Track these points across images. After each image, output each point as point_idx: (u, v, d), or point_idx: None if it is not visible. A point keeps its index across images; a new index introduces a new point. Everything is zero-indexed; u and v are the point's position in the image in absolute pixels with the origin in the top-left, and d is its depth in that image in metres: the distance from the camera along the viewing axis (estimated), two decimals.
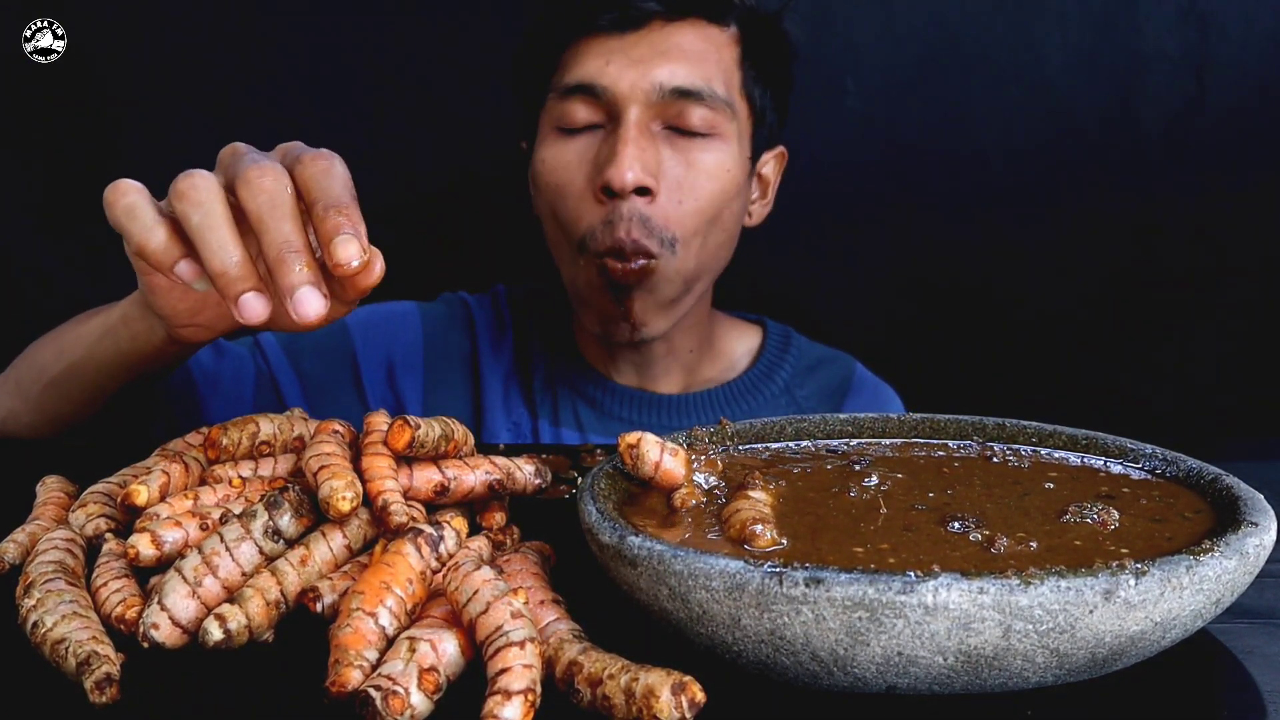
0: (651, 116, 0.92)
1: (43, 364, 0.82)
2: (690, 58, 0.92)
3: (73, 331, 0.81)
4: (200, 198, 0.53)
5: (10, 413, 0.85)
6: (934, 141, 1.31)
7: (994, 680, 0.40)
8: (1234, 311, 1.33)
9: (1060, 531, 0.47)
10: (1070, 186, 1.31)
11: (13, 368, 0.87)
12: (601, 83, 0.91)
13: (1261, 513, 0.46)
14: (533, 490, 0.61)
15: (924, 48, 1.29)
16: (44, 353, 0.83)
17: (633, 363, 1.04)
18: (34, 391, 0.83)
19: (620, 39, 0.92)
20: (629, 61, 0.91)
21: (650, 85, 0.90)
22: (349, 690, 0.40)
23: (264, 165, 0.54)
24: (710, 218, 0.94)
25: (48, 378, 0.81)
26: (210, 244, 0.53)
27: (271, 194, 0.53)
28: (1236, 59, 1.28)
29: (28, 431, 0.85)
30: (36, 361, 0.83)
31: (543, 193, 0.96)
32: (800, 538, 0.46)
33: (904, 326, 1.35)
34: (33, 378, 0.83)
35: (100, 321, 0.76)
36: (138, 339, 0.73)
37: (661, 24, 0.93)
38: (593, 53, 0.92)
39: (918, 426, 0.63)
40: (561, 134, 0.94)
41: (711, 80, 0.93)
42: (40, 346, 0.85)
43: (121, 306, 0.74)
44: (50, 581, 0.48)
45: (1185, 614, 0.41)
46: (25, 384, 0.84)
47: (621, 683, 0.39)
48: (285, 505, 0.50)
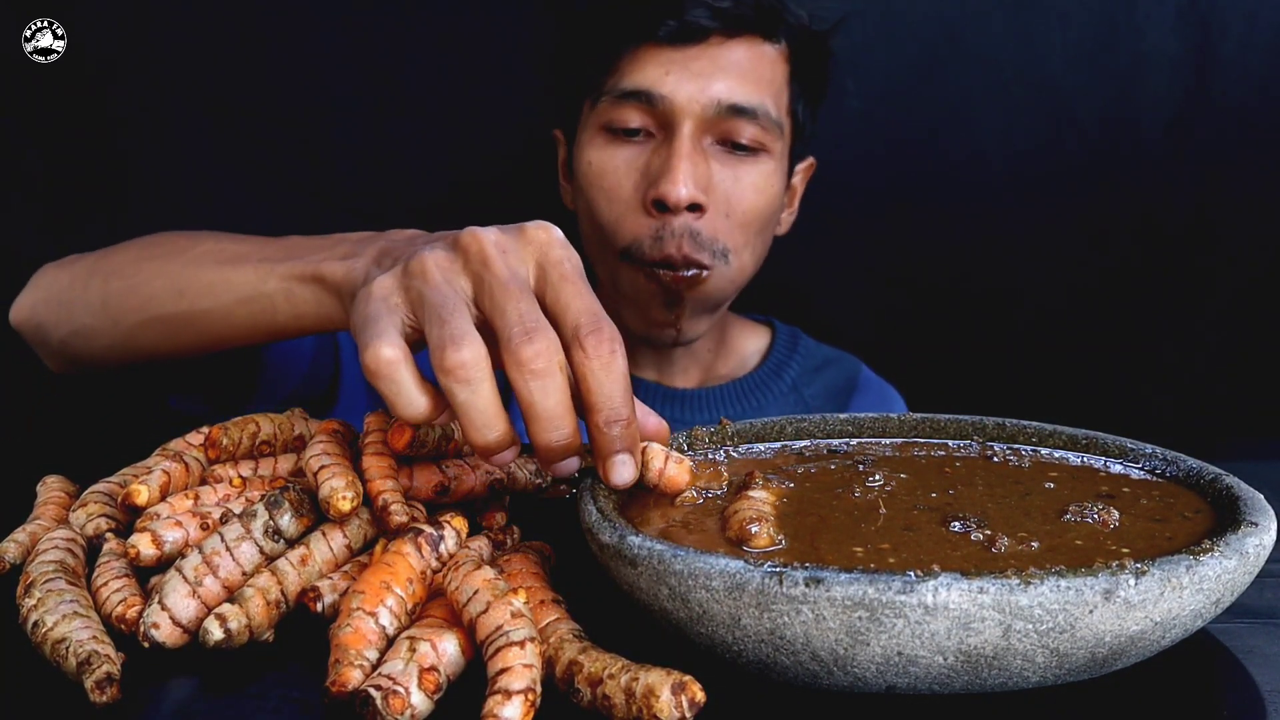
0: (704, 131, 0.93)
1: (150, 295, 0.73)
2: (746, 75, 0.94)
3: (197, 274, 0.71)
4: (469, 375, 0.47)
5: (86, 330, 0.77)
6: (934, 141, 1.31)
7: (994, 680, 0.40)
8: (1234, 311, 1.33)
9: (1061, 531, 0.47)
10: (1070, 186, 1.31)
11: (96, 276, 0.77)
12: (660, 92, 0.92)
13: (1261, 513, 0.46)
14: (533, 490, 0.61)
15: (924, 48, 1.29)
16: (152, 284, 0.73)
17: (653, 359, 1.07)
18: (129, 321, 0.74)
19: (679, 51, 0.93)
20: (688, 75, 0.92)
21: (708, 100, 0.92)
22: (349, 690, 0.41)
23: (535, 335, 0.47)
24: (756, 230, 0.97)
25: (156, 313, 0.73)
26: (475, 422, 0.48)
27: (545, 385, 0.48)
28: (1237, 58, 1.28)
29: (102, 354, 0.78)
30: (141, 290, 0.74)
31: (585, 193, 0.98)
32: (801, 537, 0.46)
33: (904, 326, 1.35)
34: (134, 306, 0.74)
35: (246, 281, 0.68)
36: (302, 318, 0.66)
37: (720, 40, 0.94)
38: (652, 62, 0.93)
39: (918, 426, 0.63)
40: (611, 137, 0.95)
41: (764, 99, 0.95)
42: (144, 272, 0.75)
43: (282, 279, 0.65)
44: (51, 581, 0.48)
45: (1185, 614, 0.41)
46: (119, 310, 0.75)
47: (621, 682, 0.39)
48: (285, 505, 0.50)
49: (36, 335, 0.82)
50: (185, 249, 0.74)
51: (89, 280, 0.78)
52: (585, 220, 0.99)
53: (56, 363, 0.84)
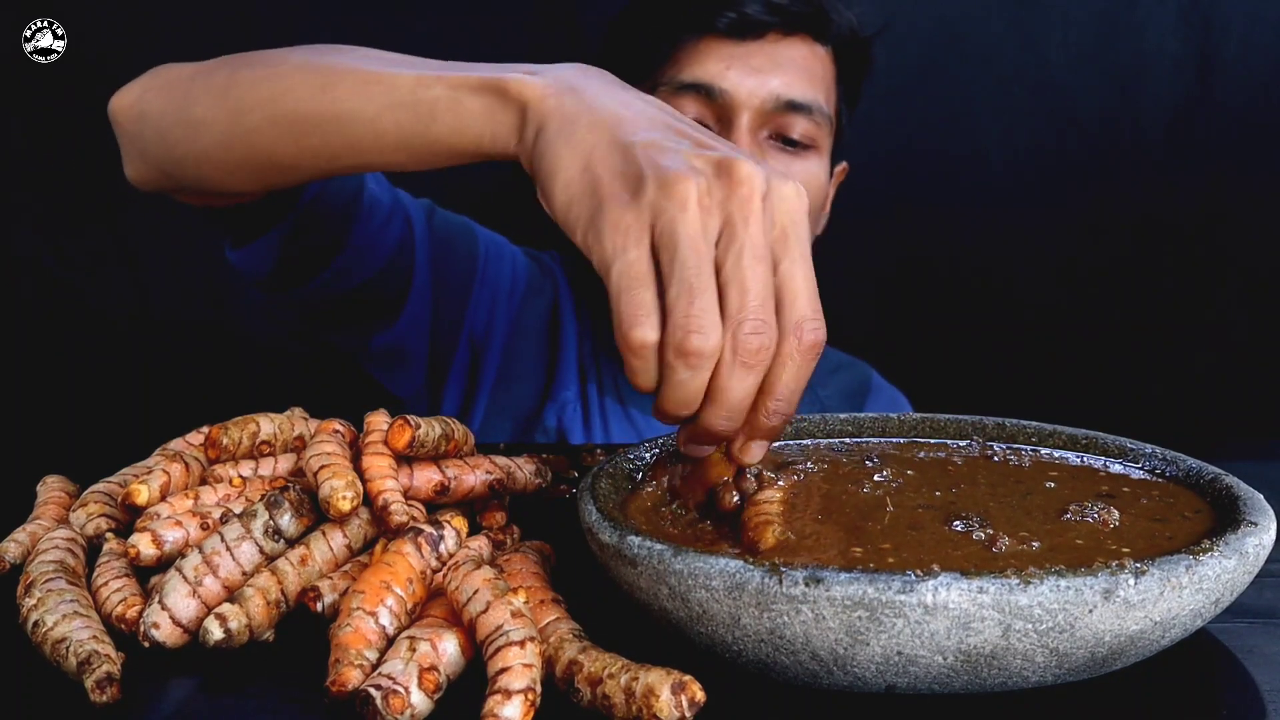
0: (760, 124, 0.95)
1: (287, 87, 0.64)
2: (802, 72, 0.96)
3: (350, 70, 0.62)
4: (701, 363, 0.45)
5: (198, 120, 0.68)
6: (934, 141, 1.31)
7: (994, 680, 0.40)
8: (1235, 311, 1.33)
9: (1061, 530, 0.47)
10: (1071, 186, 1.31)
11: (226, 65, 0.69)
12: (721, 85, 0.94)
13: (1261, 512, 0.46)
14: (533, 490, 0.61)
15: (924, 48, 1.29)
16: (294, 76, 0.64)
17: None
18: (255, 115, 0.65)
19: (738, 45, 0.95)
20: (748, 69, 0.94)
21: (767, 94, 0.94)
22: (349, 690, 0.41)
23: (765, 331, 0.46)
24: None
25: (289, 108, 0.63)
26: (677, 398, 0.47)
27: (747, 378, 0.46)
28: (1239, 58, 1.28)
29: (206, 153, 0.68)
30: (279, 80, 0.65)
31: None
32: (806, 535, 0.46)
33: (904, 325, 1.35)
34: (265, 97, 0.65)
35: (406, 83, 0.59)
36: (463, 132, 0.57)
37: (776, 37, 0.96)
38: (712, 55, 0.95)
39: (918, 426, 0.63)
40: None
41: (818, 95, 0.97)
42: (288, 62, 0.66)
43: (450, 86, 0.57)
44: (51, 581, 0.48)
45: (1185, 613, 0.41)
46: (246, 99, 0.66)
47: (621, 682, 0.39)
48: (286, 505, 0.50)
49: (134, 126, 0.73)
50: (341, 50, 0.66)
51: (217, 68, 0.69)
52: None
53: (140, 165, 0.74)
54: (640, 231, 0.46)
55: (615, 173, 0.48)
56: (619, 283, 0.46)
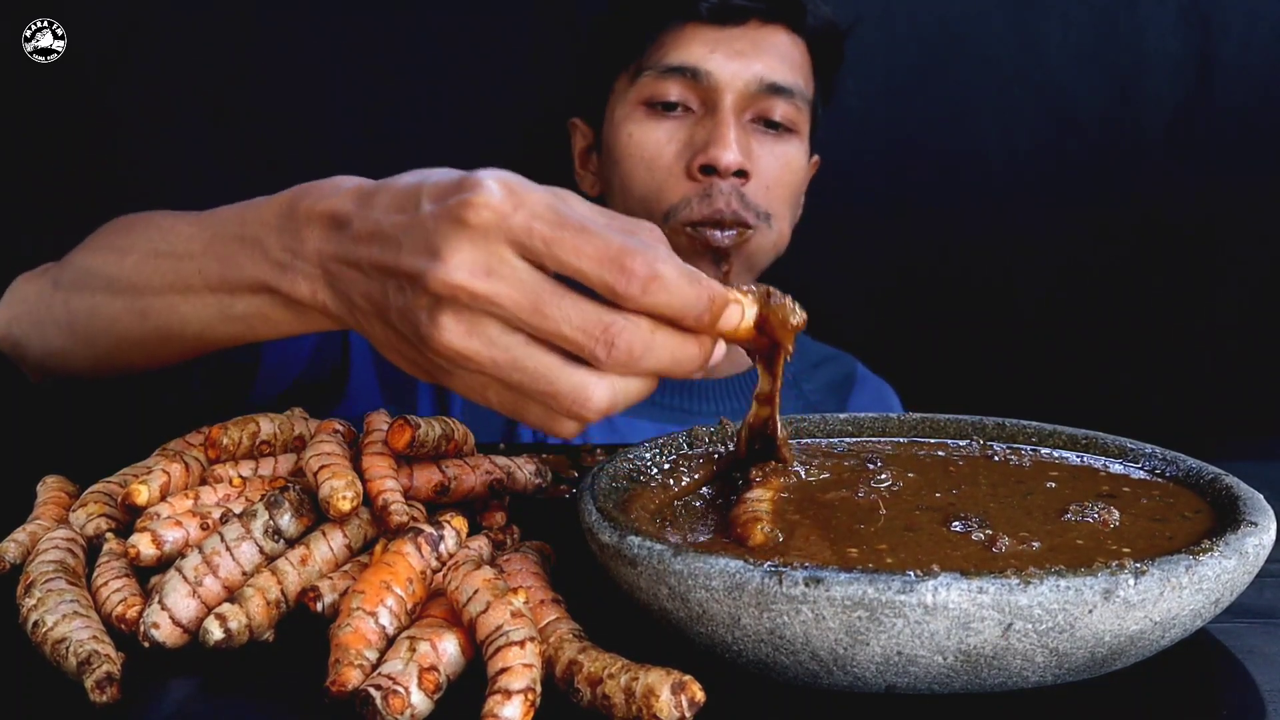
0: (744, 107, 0.98)
1: (112, 317, 0.67)
2: (783, 58, 1.00)
3: (159, 298, 0.63)
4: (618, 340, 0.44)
5: (61, 351, 0.72)
6: (934, 141, 1.31)
7: (993, 680, 0.40)
8: (1234, 311, 1.33)
9: (1062, 530, 0.47)
10: (1071, 186, 1.31)
11: (59, 293, 0.72)
12: (705, 68, 0.97)
13: (1261, 512, 0.46)
14: (533, 490, 0.61)
15: (924, 47, 1.29)
16: (112, 305, 0.67)
17: None
18: (101, 344, 0.69)
19: (721, 30, 0.99)
20: (732, 53, 0.98)
21: (750, 76, 0.98)
22: (349, 690, 0.41)
23: (612, 336, 0.44)
24: (790, 205, 1.03)
25: (124, 335, 0.66)
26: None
27: (648, 356, 0.45)
28: (1238, 58, 1.28)
29: (83, 372, 0.73)
30: (102, 311, 0.67)
31: (622, 164, 1.01)
32: (802, 536, 0.46)
33: (904, 325, 1.35)
34: (101, 329, 0.68)
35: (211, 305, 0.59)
36: (278, 328, 0.57)
37: (757, 24, 1.00)
38: (696, 39, 0.98)
39: (918, 426, 0.63)
40: (650, 111, 1.00)
41: (799, 80, 1.01)
42: (102, 290, 0.68)
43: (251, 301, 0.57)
44: (51, 581, 0.48)
45: (1185, 614, 0.41)
46: (87, 333, 0.69)
47: (621, 682, 0.39)
48: (285, 505, 0.50)
49: (15, 353, 0.77)
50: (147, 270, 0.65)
51: (53, 298, 0.72)
52: (621, 193, 1.02)
53: (39, 377, 0.78)
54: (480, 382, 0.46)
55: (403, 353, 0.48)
56: (509, 409, 0.46)
